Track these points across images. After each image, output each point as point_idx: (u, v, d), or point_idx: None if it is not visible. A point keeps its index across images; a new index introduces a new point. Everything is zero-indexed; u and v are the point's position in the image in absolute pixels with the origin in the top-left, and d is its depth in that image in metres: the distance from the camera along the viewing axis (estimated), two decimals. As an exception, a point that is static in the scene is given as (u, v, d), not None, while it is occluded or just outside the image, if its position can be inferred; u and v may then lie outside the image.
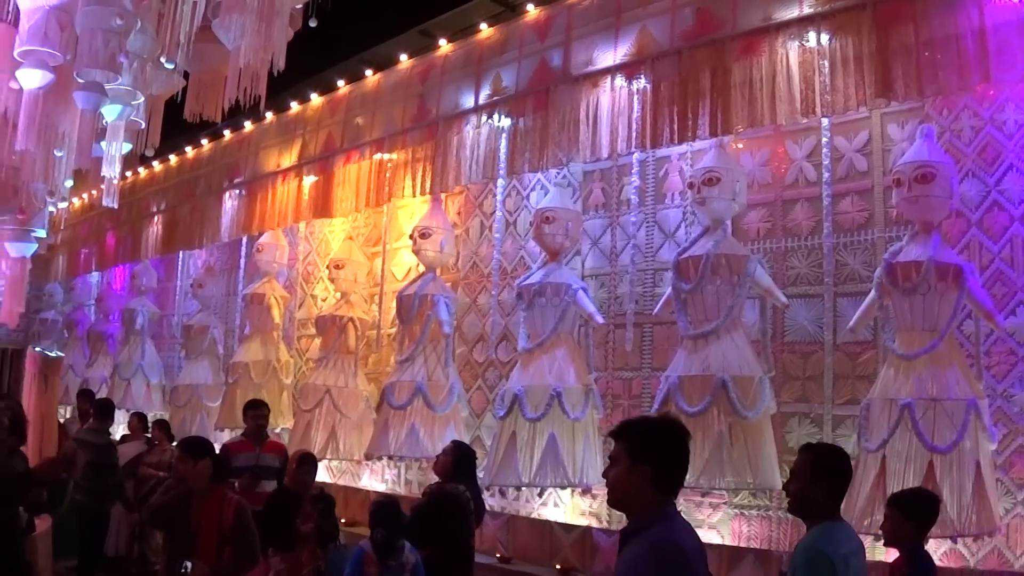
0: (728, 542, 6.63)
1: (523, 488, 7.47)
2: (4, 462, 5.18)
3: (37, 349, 9.39)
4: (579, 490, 7.43)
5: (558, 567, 7.24)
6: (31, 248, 8.43)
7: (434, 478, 7.24)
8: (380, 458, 8.75)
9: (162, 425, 10.27)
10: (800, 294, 6.61)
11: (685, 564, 2.68)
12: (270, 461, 7.28)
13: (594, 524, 7.43)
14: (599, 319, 7.40)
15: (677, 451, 2.88)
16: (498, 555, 7.59)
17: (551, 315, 7.41)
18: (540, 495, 7.80)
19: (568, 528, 7.46)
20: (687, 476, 3.01)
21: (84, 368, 14.15)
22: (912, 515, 4.22)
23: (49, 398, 9.74)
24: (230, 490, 5.75)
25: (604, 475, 3.02)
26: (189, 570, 5.18)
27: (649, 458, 2.82)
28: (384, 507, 5.41)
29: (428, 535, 5.55)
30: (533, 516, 7.85)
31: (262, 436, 7.50)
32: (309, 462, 6.25)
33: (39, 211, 8.26)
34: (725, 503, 6.73)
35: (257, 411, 7.60)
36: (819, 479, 3.39)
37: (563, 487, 7.28)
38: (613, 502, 3.03)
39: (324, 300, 10.65)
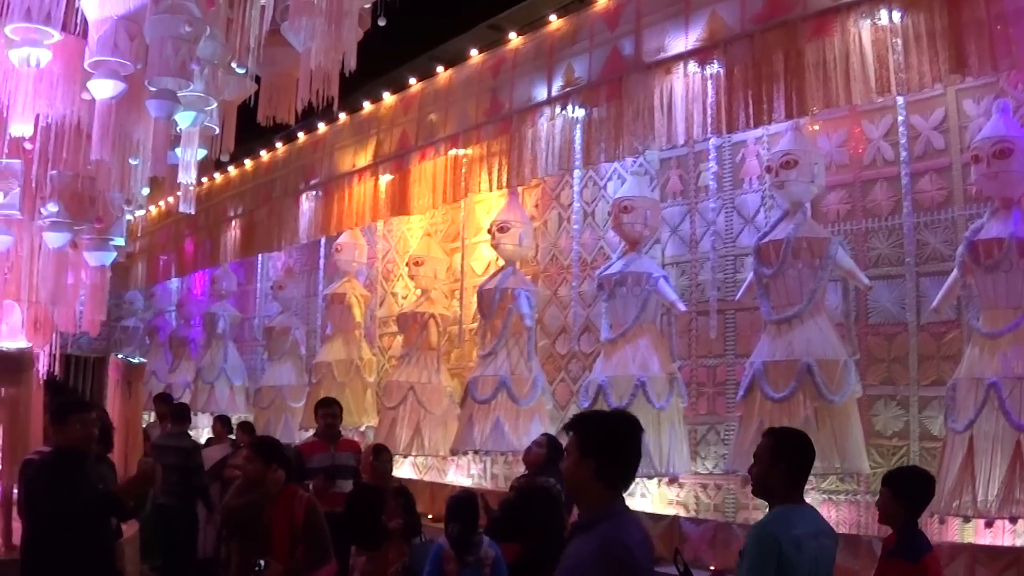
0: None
1: (610, 480, 7.88)
2: (94, 471, 5.40)
3: (120, 356, 9.93)
4: (666, 480, 7.79)
5: None
6: (110, 257, 8.58)
7: (519, 471, 7.73)
8: (465, 453, 9.23)
9: (246, 427, 10.94)
10: (882, 275, 6.88)
11: (631, 562, 2.86)
12: (345, 460, 7.54)
13: (682, 513, 7.79)
14: (681, 307, 7.77)
15: (624, 445, 3.01)
16: (585, 548, 7.95)
17: (633, 305, 7.80)
18: (628, 485, 8.16)
19: (656, 518, 7.80)
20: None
21: (167, 374, 15.07)
22: (902, 493, 4.47)
23: (133, 404, 10.24)
24: (301, 489, 5.99)
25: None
26: (263, 568, 5.47)
27: (594, 451, 2.96)
28: (459, 502, 5.62)
29: (519, 529, 5.85)
30: (620, 508, 8.21)
31: (335, 435, 7.79)
32: (384, 452, 6.64)
33: (117, 220, 8.39)
34: (813, 488, 7.00)
35: (328, 409, 7.88)
36: (779, 463, 3.72)
37: (649, 477, 7.65)
38: (567, 493, 3.32)
39: (405, 297, 11.21)
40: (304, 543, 5.51)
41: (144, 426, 11.78)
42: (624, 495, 3.08)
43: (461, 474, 10.13)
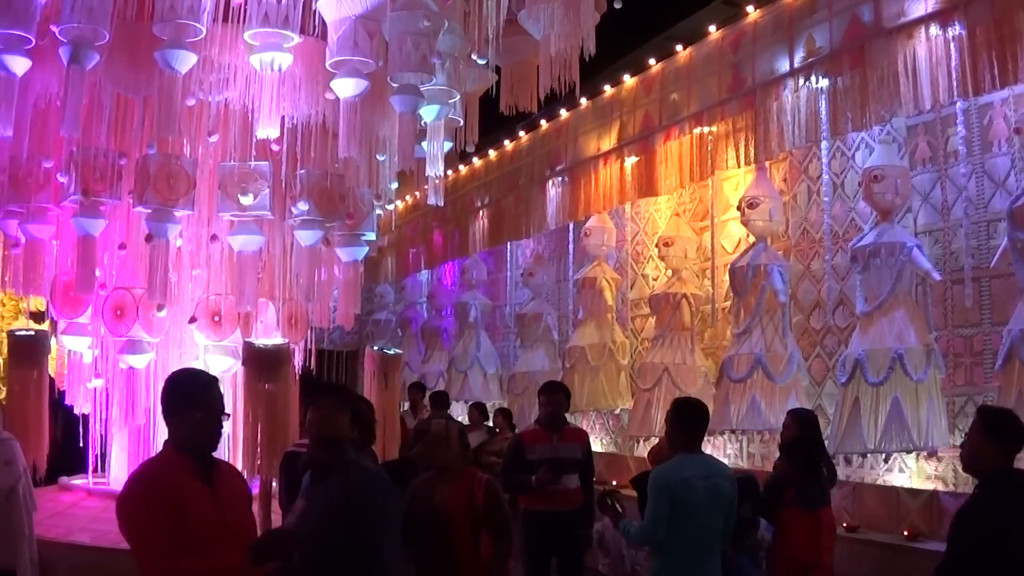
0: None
1: (867, 455, 8.72)
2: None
3: (376, 348, 11.23)
4: (924, 454, 8.47)
5: (905, 533, 8.26)
6: (362, 252, 9.21)
7: (775, 450, 8.57)
8: (722, 433, 10.24)
9: (504, 413, 12.53)
10: None
11: None
12: (570, 452, 7.78)
13: (940, 488, 8.44)
14: (936, 276, 8.50)
15: None
16: (844, 524, 8.50)
17: (887, 276, 8.56)
18: (885, 461, 8.91)
19: (914, 493, 8.54)
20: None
21: (420, 364, 17.04)
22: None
23: (390, 395, 11.09)
24: (480, 471, 6.14)
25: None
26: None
27: None
28: (751, 483, 6.14)
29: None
30: (878, 483, 9.01)
31: (559, 424, 7.91)
32: None
33: (367, 215, 9.05)
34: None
35: (552, 396, 7.94)
36: (675, 426, 5.50)
37: (908, 451, 8.40)
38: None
39: (655, 279, 12.39)
40: (487, 528, 5.72)
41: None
42: None
43: (717, 454, 11.13)
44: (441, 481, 5.79)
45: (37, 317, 11.81)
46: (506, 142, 14.36)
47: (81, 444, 9.28)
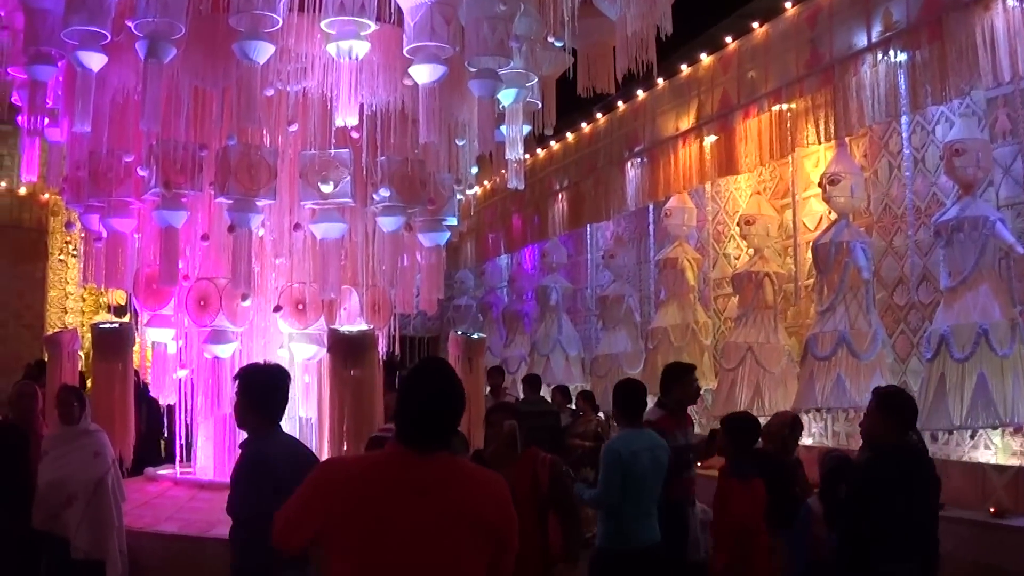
0: None
1: (953, 432, 8.90)
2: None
3: (460, 332, 11.49)
4: (1010, 430, 8.61)
5: (992, 510, 8.36)
6: (444, 237, 9.32)
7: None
8: (807, 411, 10.48)
9: (587, 396, 12.87)
10: None
11: None
12: (695, 438, 7.86)
13: (1027, 464, 8.60)
14: (1020, 249, 8.64)
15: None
16: (930, 502, 8.90)
17: (971, 250, 8.72)
18: (971, 437, 9.06)
19: (1000, 470, 8.69)
20: None
21: (502, 348, 17.46)
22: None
23: (474, 379, 11.07)
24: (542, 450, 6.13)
25: None
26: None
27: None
28: (846, 463, 6.24)
29: None
30: (964, 460, 9.14)
31: (684, 410, 7.80)
32: (800, 427, 7.60)
33: (448, 200, 9.13)
34: None
35: (693, 377, 7.85)
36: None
37: (994, 427, 8.56)
38: None
39: (737, 258, 12.66)
40: (554, 508, 5.76)
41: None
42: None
43: (803, 433, 11.37)
44: (501, 465, 5.50)
45: (117, 311, 12.12)
46: (584, 124, 14.74)
47: (167, 435, 9.57)
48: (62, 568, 6.87)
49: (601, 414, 13.37)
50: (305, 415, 9.12)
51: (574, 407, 13.50)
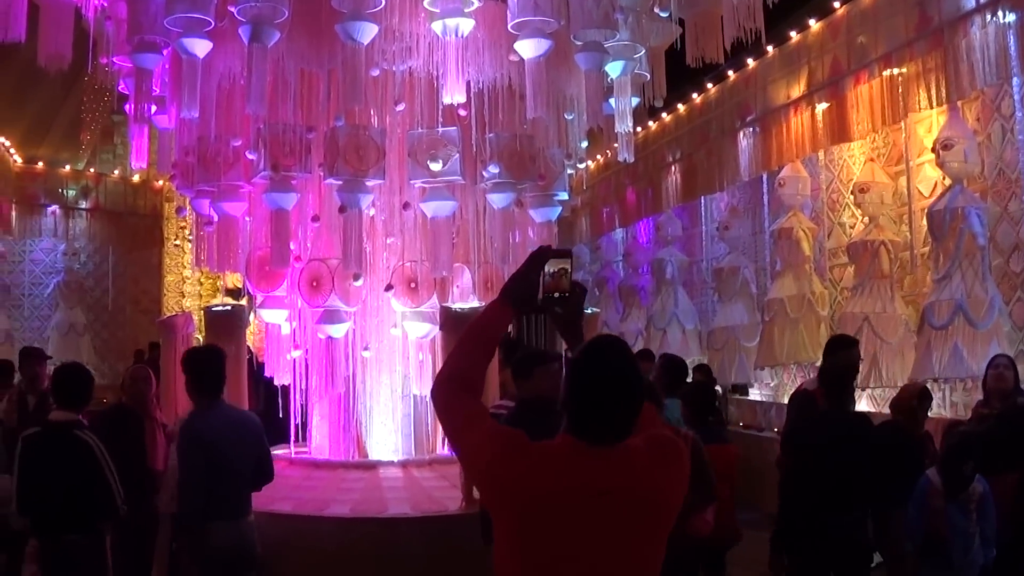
0: None
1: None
2: (556, 422, 6.35)
3: None
4: None
5: None
6: (555, 212, 9.46)
7: (978, 399, 8.92)
8: (925, 381, 10.59)
9: (703, 370, 13.19)
10: None
11: None
12: None
13: None
14: None
15: None
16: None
17: (1089, 212, 8.87)
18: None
19: None
20: None
21: (618, 323, 17.88)
22: None
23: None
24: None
25: None
26: None
27: None
28: (974, 440, 6.32)
29: (1013, 458, 6.47)
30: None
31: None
32: (928, 399, 7.56)
33: (559, 175, 9.26)
34: None
35: (855, 350, 8.12)
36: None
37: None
38: None
39: (852, 227, 12.82)
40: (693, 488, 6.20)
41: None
42: None
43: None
44: None
45: (233, 293, 12.68)
46: (694, 95, 15.04)
47: (281, 415, 9.80)
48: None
49: (719, 387, 13.74)
50: (419, 393, 9.42)
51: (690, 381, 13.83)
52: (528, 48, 7.54)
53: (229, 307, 9.98)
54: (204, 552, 6.19)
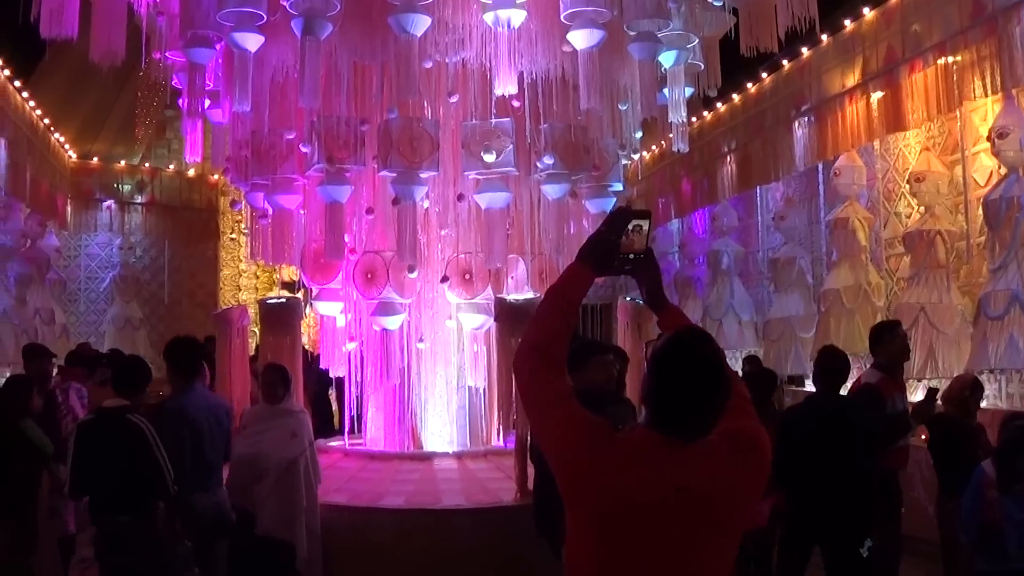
0: None
1: None
2: (613, 412, 5.75)
3: (628, 299, 11.78)
4: None
5: None
6: (610, 203, 9.45)
7: None
8: (980, 372, 10.71)
9: (751, 361, 13.36)
10: None
11: None
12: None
13: None
14: None
15: None
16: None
17: None
18: None
19: None
20: None
21: (674, 314, 18.01)
22: None
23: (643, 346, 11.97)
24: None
25: None
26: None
27: None
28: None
29: None
30: None
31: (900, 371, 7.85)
32: (980, 389, 7.76)
33: (613, 166, 9.34)
34: None
35: (896, 333, 8.01)
36: None
37: None
38: None
39: (908, 216, 12.95)
40: None
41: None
42: None
43: (980, 395, 11.67)
44: None
45: (289, 286, 12.87)
46: (749, 85, 15.24)
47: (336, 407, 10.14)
48: (246, 543, 7.19)
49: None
50: (474, 384, 9.64)
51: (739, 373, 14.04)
52: (581, 38, 7.67)
53: (283, 299, 10.20)
54: (192, 520, 6.72)
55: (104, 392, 7.28)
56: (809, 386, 14.93)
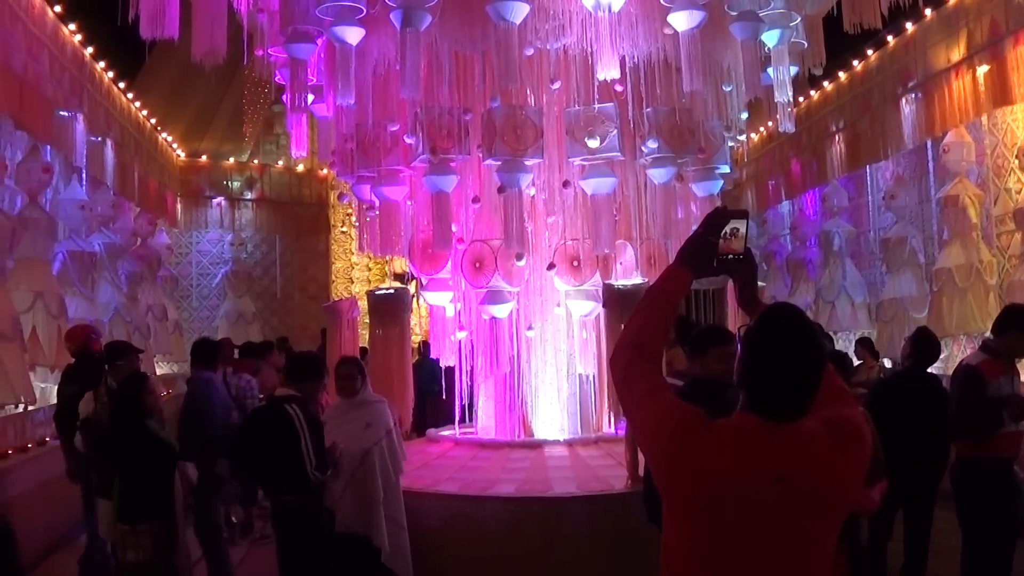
0: None
1: None
2: (730, 402, 5.74)
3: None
4: None
5: None
6: (718, 185, 9.61)
7: None
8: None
9: (864, 343, 13.60)
10: None
11: None
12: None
13: None
14: None
15: None
16: None
17: None
18: None
19: None
20: None
21: (787, 296, 18.31)
22: None
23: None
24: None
25: None
26: None
27: None
28: None
29: None
30: None
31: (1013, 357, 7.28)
32: None
33: (719, 148, 9.37)
34: None
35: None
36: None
37: None
38: None
39: (1018, 192, 13.04)
40: None
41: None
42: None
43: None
44: None
45: (401, 277, 13.36)
46: (855, 62, 15.50)
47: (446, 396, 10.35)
48: (328, 539, 7.14)
49: (887, 361, 14.12)
50: (584, 371, 9.89)
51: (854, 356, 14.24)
52: (682, 20, 7.86)
53: (392, 290, 10.42)
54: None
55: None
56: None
